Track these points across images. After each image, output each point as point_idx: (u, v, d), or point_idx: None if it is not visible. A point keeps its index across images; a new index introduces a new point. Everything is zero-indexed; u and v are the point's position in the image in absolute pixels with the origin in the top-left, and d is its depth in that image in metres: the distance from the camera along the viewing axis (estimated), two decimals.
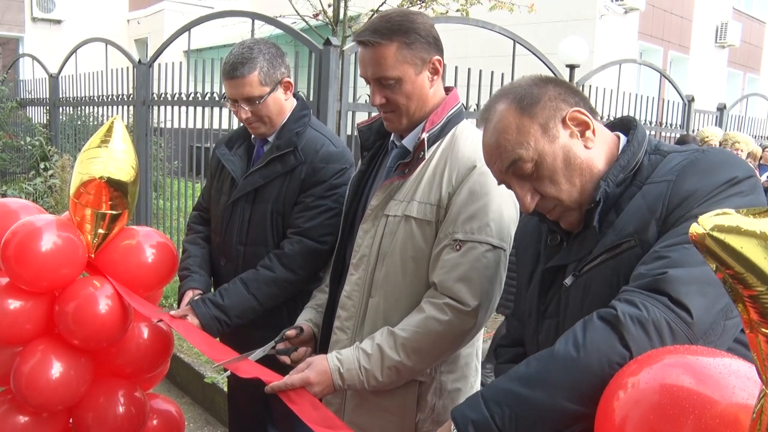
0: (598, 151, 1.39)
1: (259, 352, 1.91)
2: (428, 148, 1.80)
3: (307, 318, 2.09)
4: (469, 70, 5.00)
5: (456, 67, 4.92)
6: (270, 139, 2.38)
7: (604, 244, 1.32)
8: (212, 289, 2.45)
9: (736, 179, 1.22)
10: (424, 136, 1.79)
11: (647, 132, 1.43)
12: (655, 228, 1.25)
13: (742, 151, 7.82)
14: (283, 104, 2.35)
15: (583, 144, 1.38)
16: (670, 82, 7.78)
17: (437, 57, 1.83)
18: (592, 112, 1.41)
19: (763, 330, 0.74)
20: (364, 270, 1.87)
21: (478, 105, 5.23)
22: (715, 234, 0.73)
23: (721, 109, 8.68)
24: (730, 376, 0.92)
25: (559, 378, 1.14)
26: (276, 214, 2.32)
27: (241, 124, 2.53)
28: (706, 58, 16.56)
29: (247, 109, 2.26)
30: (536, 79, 1.43)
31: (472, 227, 1.74)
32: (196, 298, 2.27)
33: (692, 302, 1.11)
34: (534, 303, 1.51)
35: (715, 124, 8.48)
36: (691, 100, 7.77)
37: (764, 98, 10.91)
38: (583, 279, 1.36)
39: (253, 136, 2.44)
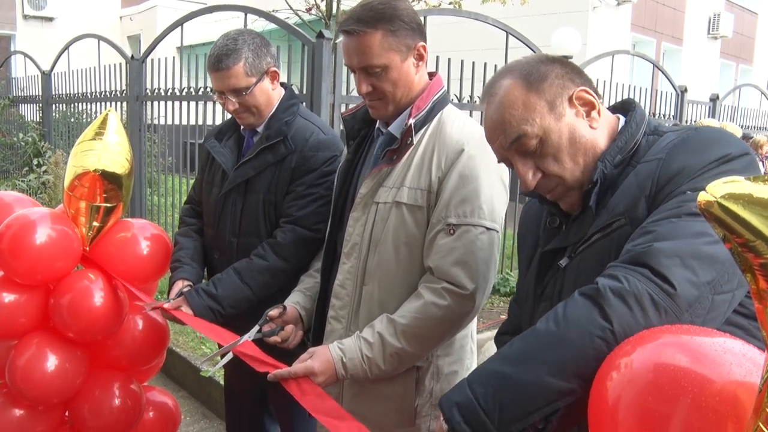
0: (601, 132, 1.39)
1: (245, 338, 1.91)
2: (415, 134, 1.81)
3: (293, 300, 2.10)
4: (462, 62, 5.01)
5: (449, 60, 4.92)
6: (259, 129, 2.37)
7: (597, 224, 1.32)
8: (204, 281, 2.45)
9: (729, 156, 1.20)
10: (411, 122, 1.80)
11: (646, 114, 1.43)
12: (645, 205, 1.24)
13: None
14: (270, 94, 2.34)
15: (588, 124, 1.37)
16: (663, 73, 7.80)
17: (422, 43, 1.83)
18: (597, 93, 1.40)
19: None
20: (356, 258, 1.88)
21: (471, 97, 5.24)
22: (724, 202, 0.71)
23: (714, 99, 8.71)
24: (726, 354, 0.91)
25: (540, 354, 1.13)
26: (268, 204, 2.32)
27: (230, 117, 2.53)
28: (698, 49, 16.58)
29: (234, 100, 2.25)
30: (542, 57, 1.42)
31: (465, 210, 1.75)
32: (186, 288, 2.26)
33: (674, 274, 1.09)
34: (531, 286, 1.51)
35: (708, 115, 8.50)
36: (684, 90, 7.79)
37: (757, 89, 10.95)
38: (577, 260, 1.36)
39: (242, 127, 2.43)
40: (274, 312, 1.99)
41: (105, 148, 2.09)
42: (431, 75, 1.94)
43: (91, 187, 2.07)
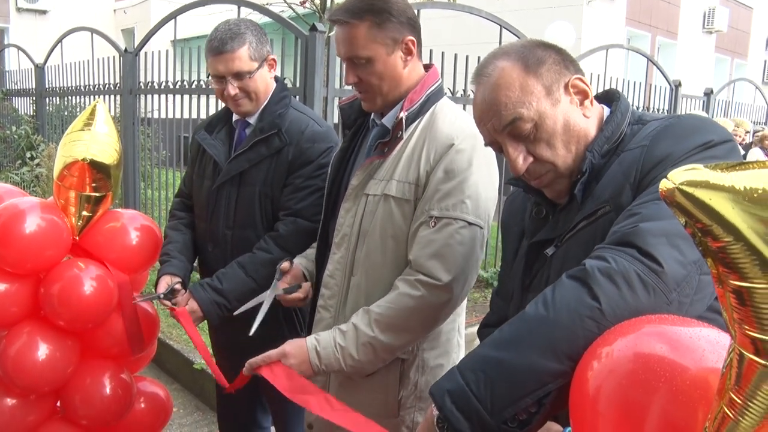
0: (592, 121, 1.38)
1: (269, 295, 1.98)
2: (407, 127, 1.81)
3: (297, 261, 2.13)
4: (455, 55, 5.01)
5: (443, 53, 4.92)
6: (251, 121, 2.37)
7: (583, 212, 1.32)
8: (192, 276, 2.46)
9: (711, 143, 1.20)
10: (402, 115, 1.79)
11: (629, 103, 1.43)
12: (630, 192, 1.24)
13: (738, 136, 7.90)
14: (268, 82, 2.35)
15: (582, 112, 1.37)
16: (657, 67, 7.81)
17: (410, 37, 1.82)
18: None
19: (731, 282, 0.75)
20: (345, 249, 1.88)
21: (465, 91, 5.24)
22: (684, 188, 0.74)
23: (708, 94, 8.72)
24: (700, 341, 0.92)
25: (531, 337, 1.13)
26: (264, 197, 2.32)
27: (220, 109, 2.53)
28: (693, 43, 16.60)
29: (235, 84, 2.24)
30: (537, 42, 1.40)
31: (447, 204, 1.75)
32: (176, 284, 2.28)
33: (661, 252, 1.09)
34: (519, 277, 1.50)
35: (703, 110, 8.52)
36: (679, 85, 7.80)
37: (751, 83, 10.97)
38: (563, 248, 1.36)
39: (234, 119, 2.43)
40: (285, 264, 2.03)
41: (94, 138, 2.09)
42: (427, 67, 1.93)
43: (80, 176, 2.08)
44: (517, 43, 1.41)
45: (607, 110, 1.43)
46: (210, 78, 2.33)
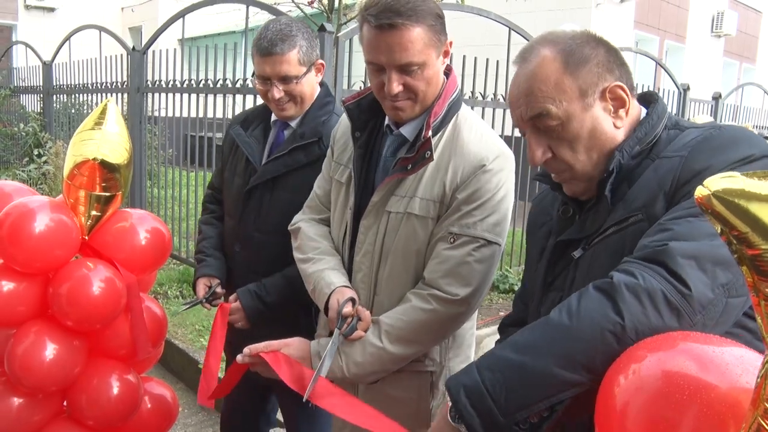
0: (623, 130, 1.35)
1: (328, 356, 1.71)
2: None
3: (343, 282, 1.86)
4: (464, 57, 4.99)
5: (451, 55, 4.90)
6: (292, 123, 2.32)
7: (613, 217, 1.30)
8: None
9: (751, 157, 1.18)
10: (430, 134, 1.71)
11: (667, 107, 1.40)
12: (663, 202, 1.22)
13: None
14: (314, 87, 2.30)
15: (612, 121, 1.34)
16: (665, 70, 7.78)
17: (450, 39, 1.74)
18: (632, 87, 1.36)
19: (765, 290, 0.75)
20: (368, 267, 1.83)
21: (472, 93, 5.23)
22: (720, 195, 0.75)
23: (717, 98, 8.69)
24: (724, 355, 0.92)
25: (551, 345, 1.13)
26: (298, 206, 2.23)
27: (257, 104, 2.47)
28: (702, 47, 16.55)
29: (281, 88, 2.19)
30: (589, 36, 1.35)
31: (468, 222, 1.72)
32: (217, 287, 2.34)
33: (690, 275, 1.08)
34: (541, 275, 1.49)
35: (711, 114, 8.49)
36: (687, 89, 7.78)
37: (760, 88, 10.93)
38: (591, 252, 1.34)
39: (272, 118, 2.37)
40: (348, 309, 1.75)
41: (104, 138, 2.08)
42: (446, 72, 1.83)
43: (90, 176, 2.07)
44: (569, 33, 1.36)
45: (644, 112, 1.40)
46: (253, 77, 2.26)
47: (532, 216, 1.65)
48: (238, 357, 1.76)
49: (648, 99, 1.43)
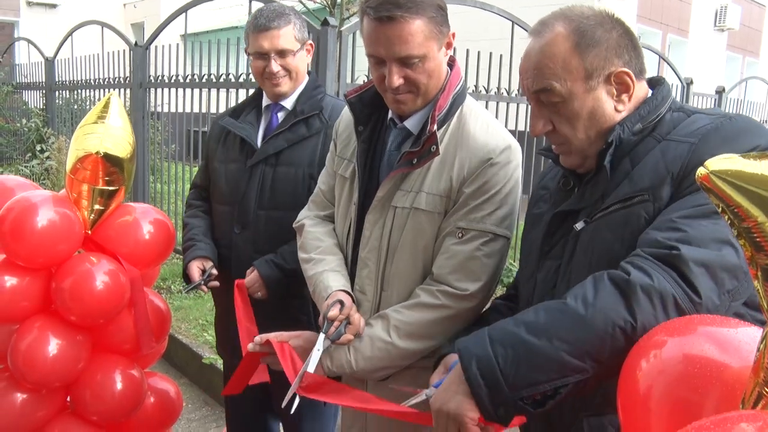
0: (624, 114, 1.40)
1: (315, 357, 1.69)
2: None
3: (340, 285, 1.83)
4: (467, 51, 4.97)
5: (454, 49, 4.88)
6: (286, 105, 2.39)
7: (617, 194, 1.34)
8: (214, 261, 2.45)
9: (757, 148, 1.22)
10: (435, 128, 1.68)
11: (671, 91, 1.45)
12: (670, 187, 1.27)
13: None
14: (306, 67, 2.40)
15: (614, 105, 1.38)
16: (669, 64, 7.75)
17: (452, 30, 1.72)
18: (641, 72, 1.40)
19: (762, 261, 0.81)
20: (374, 263, 1.81)
21: (476, 87, 5.21)
22: (718, 173, 0.80)
23: (720, 92, 8.65)
24: (738, 335, 0.97)
25: (564, 332, 1.19)
26: (309, 178, 2.31)
27: (245, 98, 2.52)
28: (705, 41, 16.49)
29: (278, 62, 2.29)
30: (605, 17, 1.39)
31: (476, 216, 1.70)
32: (210, 268, 2.33)
33: (702, 284, 1.15)
34: (538, 243, 1.54)
35: (715, 107, 8.45)
36: (690, 83, 7.75)
37: (763, 82, 10.88)
38: (593, 225, 1.38)
39: (265, 103, 2.43)
40: (334, 312, 1.71)
41: (107, 132, 2.07)
42: (449, 63, 1.80)
43: (93, 170, 2.06)
44: (587, 11, 1.40)
45: (650, 93, 1.44)
46: (249, 57, 2.36)
47: (536, 188, 1.70)
48: (249, 345, 1.76)
49: (655, 83, 1.47)
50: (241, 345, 2.11)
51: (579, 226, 1.40)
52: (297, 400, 1.64)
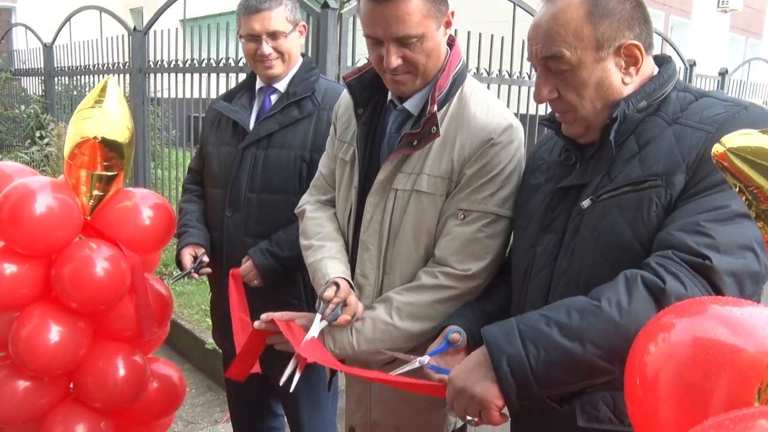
0: (633, 86, 1.39)
1: (310, 334, 1.68)
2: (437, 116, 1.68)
3: (339, 271, 1.81)
4: (468, 33, 4.93)
5: (455, 31, 4.84)
6: (279, 87, 2.37)
7: (628, 176, 1.34)
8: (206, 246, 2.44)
9: None
10: (435, 109, 1.66)
11: (677, 70, 1.44)
12: (684, 175, 1.27)
13: None
14: (299, 49, 2.37)
15: (622, 77, 1.38)
16: (671, 46, 7.69)
17: (451, 9, 1.69)
18: (649, 47, 1.40)
19: None
20: (376, 246, 1.79)
21: (477, 69, 5.16)
22: (736, 150, 0.78)
23: (723, 73, 8.60)
24: (752, 318, 0.93)
25: (597, 337, 1.21)
26: (300, 161, 2.30)
27: (238, 83, 2.50)
28: (707, 22, 16.37)
29: (270, 44, 2.27)
30: None
31: (478, 197, 1.68)
32: (202, 255, 2.32)
33: (729, 293, 1.18)
34: (537, 216, 1.54)
35: (718, 89, 8.40)
36: (693, 64, 7.69)
37: (767, 63, 10.80)
38: (601, 205, 1.37)
39: (258, 86, 2.41)
40: (329, 293, 1.70)
41: (105, 116, 2.04)
42: (449, 43, 1.78)
43: (92, 155, 2.03)
44: None
45: (657, 71, 1.45)
46: (241, 40, 2.34)
47: (530, 159, 1.70)
48: (255, 323, 1.75)
49: (661, 61, 1.46)
50: (234, 336, 2.12)
51: (586, 203, 1.40)
52: (297, 378, 1.63)
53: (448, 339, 1.58)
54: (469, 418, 1.39)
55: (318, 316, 1.69)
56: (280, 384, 1.61)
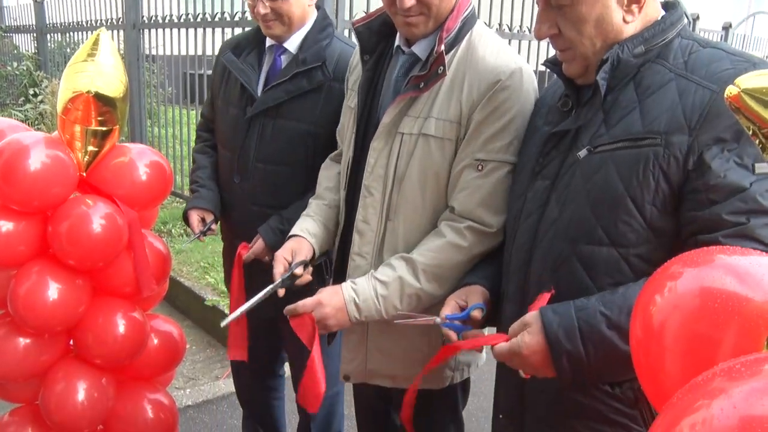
0: (633, 26, 1.37)
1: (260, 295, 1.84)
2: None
3: (302, 227, 1.99)
4: None
5: None
6: (290, 48, 2.26)
7: (628, 130, 1.31)
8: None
9: None
10: (443, 48, 1.64)
11: (686, 18, 1.41)
12: (687, 137, 1.25)
13: None
14: (306, 9, 2.23)
15: (623, 15, 1.35)
16: None
17: None
18: None
19: None
20: (379, 192, 1.78)
21: (488, 23, 5.07)
22: (751, 91, 0.76)
23: (727, 27, 8.48)
24: (761, 267, 0.90)
25: None
26: (307, 135, 2.23)
27: (251, 29, 2.42)
28: None
29: (267, 4, 2.14)
30: None
31: (495, 146, 1.65)
32: (211, 222, 2.35)
33: None
34: (530, 162, 1.53)
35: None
36: (696, 18, 7.56)
37: None
38: (598, 157, 1.36)
39: (268, 43, 2.31)
40: (299, 270, 1.88)
41: (98, 70, 1.99)
42: None
43: (86, 110, 1.99)
44: None
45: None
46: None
47: (540, 99, 1.69)
48: (286, 309, 1.77)
49: (669, 6, 1.44)
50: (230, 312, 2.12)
51: (582, 153, 1.38)
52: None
53: (470, 314, 1.56)
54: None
55: (279, 282, 1.83)
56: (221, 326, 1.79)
